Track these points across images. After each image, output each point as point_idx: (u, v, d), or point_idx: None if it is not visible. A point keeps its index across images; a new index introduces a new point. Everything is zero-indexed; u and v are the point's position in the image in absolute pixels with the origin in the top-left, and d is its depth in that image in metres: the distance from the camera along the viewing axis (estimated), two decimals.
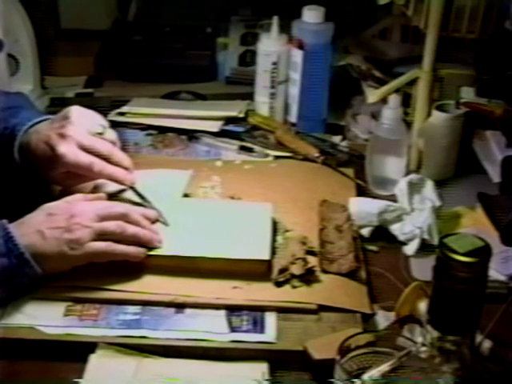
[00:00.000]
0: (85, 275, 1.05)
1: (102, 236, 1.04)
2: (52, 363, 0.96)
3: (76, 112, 1.15)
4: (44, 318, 1.00)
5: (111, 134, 1.18)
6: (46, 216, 1.05)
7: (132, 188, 1.16)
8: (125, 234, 1.05)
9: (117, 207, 1.09)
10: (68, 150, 1.11)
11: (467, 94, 1.38)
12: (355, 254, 1.12)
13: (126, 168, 1.15)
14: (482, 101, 1.33)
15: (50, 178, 1.17)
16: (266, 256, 1.08)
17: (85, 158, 1.12)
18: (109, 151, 1.14)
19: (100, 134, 1.16)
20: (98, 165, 1.13)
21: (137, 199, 1.16)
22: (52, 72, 1.67)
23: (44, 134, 1.14)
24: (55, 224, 1.03)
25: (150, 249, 1.07)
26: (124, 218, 1.07)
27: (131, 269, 1.06)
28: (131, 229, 1.06)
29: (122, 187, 1.16)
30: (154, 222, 1.12)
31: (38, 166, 1.16)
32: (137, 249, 1.06)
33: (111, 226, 1.05)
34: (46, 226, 1.03)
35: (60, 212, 1.05)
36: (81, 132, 1.13)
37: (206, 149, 1.43)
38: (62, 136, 1.12)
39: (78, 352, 0.96)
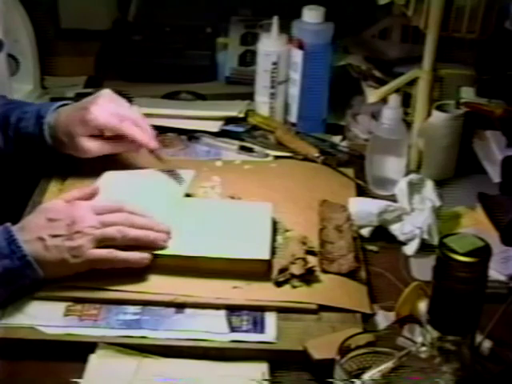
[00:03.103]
0: (85, 275, 1.04)
1: (103, 242, 1.04)
2: (52, 363, 0.96)
3: (106, 92, 1.27)
4: (44, 318, 1.00)
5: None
6: (46, 221, 1.04)
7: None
8: (126, 238, 1.05)
9: (118, 210, 1.08)
10: (100, 112, 1.22)
11: (467, 93, 1.38)
12: (355, 254, 1.12)
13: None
14: (482, 101, 1.33)
15: (78, 145, 1.23)
16: (265, 256, 1.08)
17: (115, 118, 1.23)
18: (136, 118, 1.26)
19: None
20: (127, 125, 1.23)
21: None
22: (52, 72, 1.67)
23: (76, 106, 1.26)
24: (56, 231, 1.03)
25: (155, 251, 1.07)
26: (126, 220, 1.06)
27: (131, 269, 1.06)
28: (132, 232, 1.06)
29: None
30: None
31: (69, 135, 1.23)
32: (140, 255, 1.05)
33: (112, 232, 1.05)
34: (47, 233, 1.03)
35: (60, 216, 1.04)
36: (111, 101, 1.26)
37: (206, 149, 1.43)
38: (95, 103, 1.23)
39: (78, 352, 0.96)
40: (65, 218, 1.04)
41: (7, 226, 1.03)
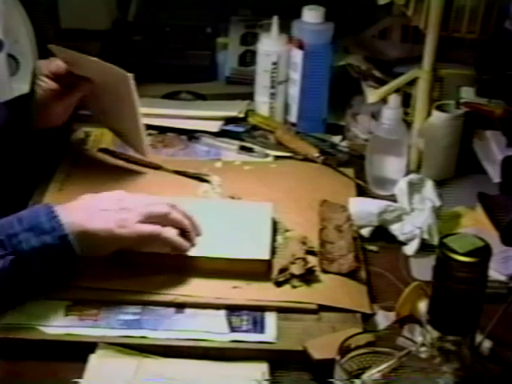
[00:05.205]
0: (85, 275, 1.05)
1: (150, 219, 1.05)
2: (52, 363, 0.96)
3: None
4: (44, 318, 1.00)
5: None
6: (91, 198, 1.06)
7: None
8: (174, 219, 1.07)
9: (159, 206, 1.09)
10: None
11: (467, 93, 1.38)
12: (355, 254, 1.12)
13: None
14: (482, 101, 1.33)
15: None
16: (265, 256, 1.08)
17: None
18: None
19: None
20: None
21: None
22: None
23: None
24: (103, 205, 1.05)
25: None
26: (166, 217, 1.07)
27: (131, 269, 1.06)
28: (179, 216, 1.08)
29: None
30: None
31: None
32: (183, 241, 1.07)
33: (161, 208, 1.06)
34: (93, 206, 1.04)
35: (106, 196, 1.07)
36: None
37: (206, 149, 1.43)
38: None
39: (78, 352, 0.96)
40: (111, 197, 1.07)
41: (50, 205, 1.03)
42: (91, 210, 1.04)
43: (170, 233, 1.06)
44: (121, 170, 1.32)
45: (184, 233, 1.08)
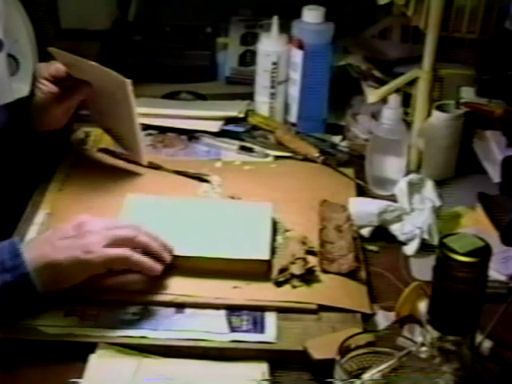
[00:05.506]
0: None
1: (116, 243, 1.02)
2: (52, 363, 0.96)
3: None
4: (44, 318, 0.99)
5: None
6: (53, 231, 1.04)
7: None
8: (140, 242, 1.03)
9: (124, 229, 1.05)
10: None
11: (467, 93, 1.38)
12: (355, 254, 1.12)
13: None
14: (482, 101, 1.33)
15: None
16: (265, 256, 1.08)
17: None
18: None
19: None
20: None
21: None
22: None
23: None
24: (64, 233, 1.01)
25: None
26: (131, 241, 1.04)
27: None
28: (144, 239, 1.04)
29: None
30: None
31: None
32: (154, 263, 1.03)
33: (128, 232, 1.03)
34: (56, 237, 1.01)
35: (68, 225, 1.03)
36: None
37: (206, 149, 1.43)
38: None
39: (78, 352, 0.96)
40: (72, 224, 1.03)
41: (15, 242, 1.01)
42: (55, 241, 1.00)
43: (139, 255, 1.02)
44: (121, 170, 1.32)
45: (153, 255, 1.04)
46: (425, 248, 1.17)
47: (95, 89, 1.27)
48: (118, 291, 1.03)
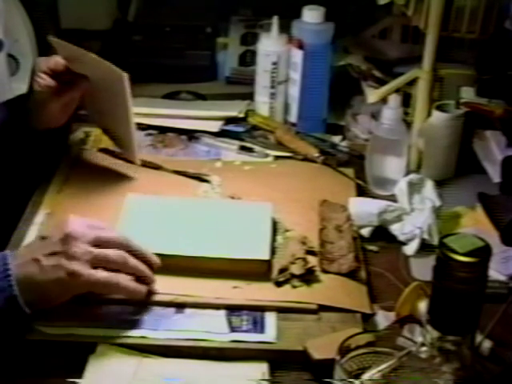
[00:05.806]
0: None
1: (102, 264, 0.98)
2: (52, 363, 0.95)
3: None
4: (44, 318, 0.99)
5: None
6: (41, 243, 1.00)
7: None
8: (127, 264, 1.00)
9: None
10: None
11: (467, 93, 1.38)
12: (355, 254, 1.12)
13: None
14: (482, 101, 1.33)
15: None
16: (265, 256, 1.08)
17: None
18: None
19: None
20: None
21: None
22: None
23: None
24: (52, 248, 0.97)
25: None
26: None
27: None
28: (136, 265, 1.01)
29: None
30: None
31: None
32: (139, 286, 1.01)
33: (117, 257, 0.99)
34: (42, 252, 0.97)
35: (56, 233, 0.99)
36: None
37: (206, 149, 1.43)
38: None
39: (78, 352, 0.96)
40: (59, 235, 0.98)
41: (5, 255, 0.98)
42: (41, 259, 0.96)
43: (127, 280, 0.99)
44: (121, 170, 1.32)
45: (140, 277, 1.01)
46: (425, 248, 1.17)
47: (93, 83, 1.27)
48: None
